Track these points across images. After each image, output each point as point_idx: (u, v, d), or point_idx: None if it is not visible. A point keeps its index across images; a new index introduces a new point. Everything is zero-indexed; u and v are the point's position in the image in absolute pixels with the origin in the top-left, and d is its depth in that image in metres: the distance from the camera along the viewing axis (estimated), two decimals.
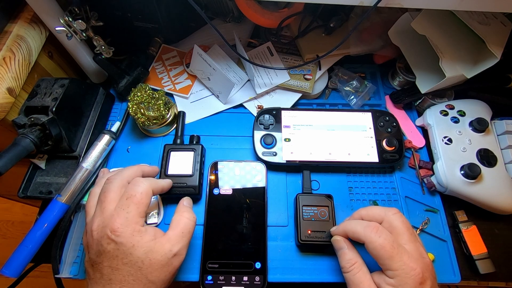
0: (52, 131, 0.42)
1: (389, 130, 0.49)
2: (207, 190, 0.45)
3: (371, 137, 0.49)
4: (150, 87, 0.50)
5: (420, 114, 0.54)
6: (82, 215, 0.44)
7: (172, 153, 0.47)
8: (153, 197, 0.45)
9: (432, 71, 0.49)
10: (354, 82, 0.54)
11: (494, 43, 0.41)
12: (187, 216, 0.36)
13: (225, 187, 0.45)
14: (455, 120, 0.48)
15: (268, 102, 0.54)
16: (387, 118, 0.50)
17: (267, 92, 0.54)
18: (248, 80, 0.55)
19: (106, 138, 0.46)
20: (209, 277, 0.40)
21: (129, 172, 0.37)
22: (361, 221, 0.36)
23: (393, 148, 0.47)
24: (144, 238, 0.32)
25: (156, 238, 0.33)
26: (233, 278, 0.40)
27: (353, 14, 0.54)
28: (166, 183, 0.41)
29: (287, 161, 0.47)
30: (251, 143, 0.49)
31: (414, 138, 0.51)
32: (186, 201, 0.39)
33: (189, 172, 0.45)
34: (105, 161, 0.48)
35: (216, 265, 0.41)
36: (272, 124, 0.49)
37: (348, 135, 0.49)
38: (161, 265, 0.32)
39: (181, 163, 0.46)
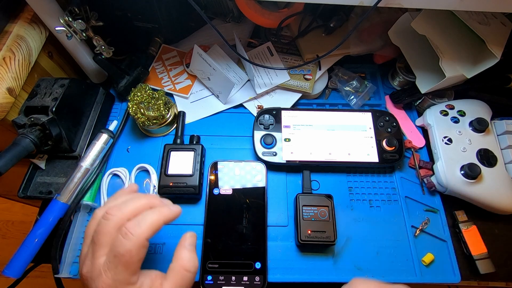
0: (52, 131, 0.42)
1: (389, 130, 0.49)
2: (207, 190, 0.45)
3: (371, 137, 0.49)
4: (150, 87, 0.50)
5: (420, 114, 0.54)
6: (82, 215, 0.44)
7: (172, 153, 0.47)
8: None
9: (432, 71, 0.49)
10: (354, 82, 0.54)
11: (494, 43, 0.41)
12: (187, 268, 0.31)
13: (225, 187, 0.45)
14: (455, 120, 0.48)
15: (268, 102, 0.54)
16: (387, 118, 0.50)
17: (267, 92, 0.54)
18: (248, 80, 0.55)
19: (104, 137, 0.46)
20: (209, 277, 0.40)
21: (133, 207, 0.30)
22: None
23: (393, 148, 0.47)
24: None
25: None
26: (233, 278, 0.40)
27: (353, 14, 0.54)
28: (171, 215, 0.31)
29: (287, 161, 0.47)
30: (251, 143, 0.49)
31: (414, 138, 0.51)
32: (188, 240, 0.33)
33: (189, 172, 0.45)
34: (105, 161, 0.48)
35: (216, 265, 0.41)
36: (272, 124, 0.49)
37: (348, 135, 0.49)
38: None
39: (181, 163, 0.46)
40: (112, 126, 0.50)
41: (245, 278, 0.40)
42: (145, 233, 0.28)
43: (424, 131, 0.52)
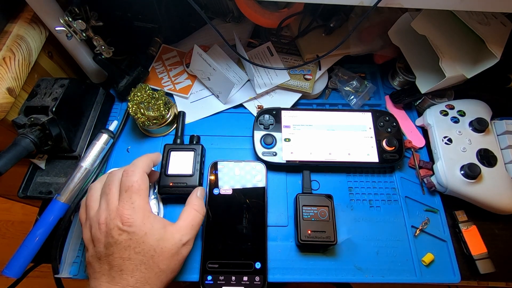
0: (52, 131, 0.42)
1: (389, 130, 0.49)
2: (207, 190, 0.45)
3: (371, 137, 0.49)
4: (150, 87, 0.49)
5: (420, 114, 0.54)
6: None
7: (172, 153, 0.47)
8: (153, 197, 0.45)
9: (432, 71, 0.49)
10: (354, 82, 0.54)
11: (494, 43, 0.41)
12: (197, 209, 0.38)
13: (225, 187, 0.45)
14: (455, 120, 0.48)
15: (268, 102, 0.54)
16: (387, 118, 0.50)
17: (267, 92, 0.54)
18: (248, 80, 0.55)
19: (104, 137, 0.46)
20: (209, 277, 0.40)
21: (133, 165, 0.37)
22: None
23: (393, 148, 0.47)
24: (154, 226, 0.34)
25: (166, 227, 0.34)
26: (233, 278, 0.40)
27: (353, 14, 0.54)
28: (155, 156, 0.40)
29: (287, 161, 0.47)
30: (251, 143, 0.49)
31: (414, 138, 0.51)
32: (199, 192, 0.40)
33: (189, 172, 0.45)
34: (105, 161, 0.48)
35: (216, 265, 0.40)
36: (272, 124, 0.49)
37: (348, 135, 0.49)
38: (171, 254, 0.34)
39: (181, 163, 0.46)
40: (112, 126, 0.50)
41: (245, 278, 0.40)
42: (142, 167, 0.36)
43: (424, 131, 0.52)
